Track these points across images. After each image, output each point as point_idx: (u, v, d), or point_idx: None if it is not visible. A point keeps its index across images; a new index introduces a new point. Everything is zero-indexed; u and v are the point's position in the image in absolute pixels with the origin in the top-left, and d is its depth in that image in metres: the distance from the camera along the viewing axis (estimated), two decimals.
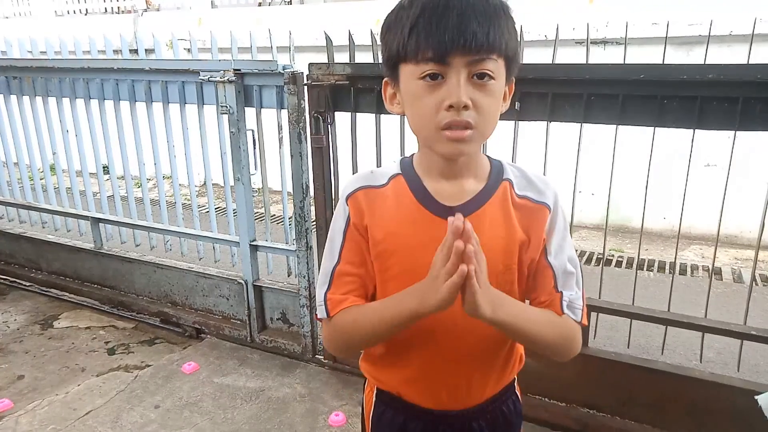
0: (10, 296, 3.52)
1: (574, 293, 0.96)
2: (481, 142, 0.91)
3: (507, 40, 0.83)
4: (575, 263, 0.98)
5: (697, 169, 4.19)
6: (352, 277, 0.96)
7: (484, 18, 0.80)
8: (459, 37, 0.79)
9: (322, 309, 0.97)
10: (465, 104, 0.82)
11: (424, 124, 0.87)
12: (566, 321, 0.95)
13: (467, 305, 0.81)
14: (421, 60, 0.82)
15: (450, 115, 0.83)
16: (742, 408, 1.95)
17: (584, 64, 1.95)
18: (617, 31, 4.41)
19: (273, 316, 2.88)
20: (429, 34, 0.80)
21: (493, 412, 1.07)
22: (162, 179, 3.10)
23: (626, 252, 4.43)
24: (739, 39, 4.05)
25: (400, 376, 1.04)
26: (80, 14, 7.77)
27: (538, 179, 0.98)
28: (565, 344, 0.97)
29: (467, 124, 0.83)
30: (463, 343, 0.98)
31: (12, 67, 3.25)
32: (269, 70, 2.42)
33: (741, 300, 2.21)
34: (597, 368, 2.19)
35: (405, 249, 0.92)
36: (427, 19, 0.80)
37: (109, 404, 2.45)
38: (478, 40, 0.79)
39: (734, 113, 1.77)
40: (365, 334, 0.94)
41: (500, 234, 0.94)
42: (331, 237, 0.99)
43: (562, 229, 0.97)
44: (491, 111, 0.86)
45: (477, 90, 0.83)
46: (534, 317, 0.93)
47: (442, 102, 0.82)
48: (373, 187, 0.97)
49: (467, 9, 0.79)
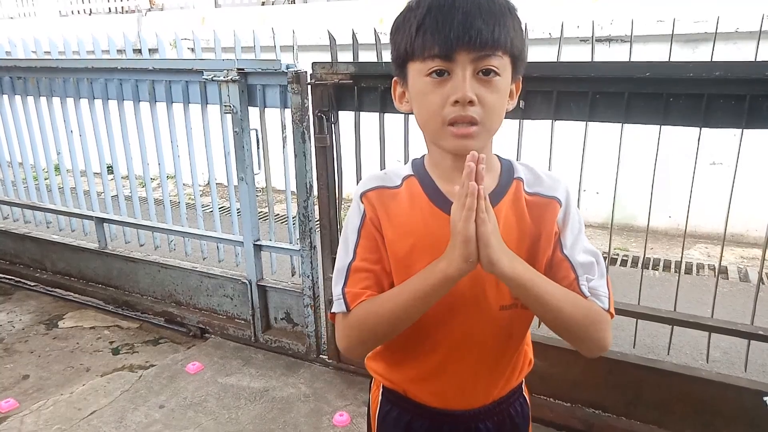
0: (15, 296, 3.53)
1: (596, 280, 0.93)
2: (488, 139, 0.91)
3: (512, 38, 0.85)
4: (594, 253, 0.95)
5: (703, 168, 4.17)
6: (368, 274, 0.95)
7: (489, 16, 0.82)
8: (464, 34, 0.81)
9: (340, 302, 0.94)
10: (470, 99, 0.83)
11: (430, 120, 0.88)
12: (592, 305, 0.91)
13: (483, 258, 0.81)
14: (427, 57, 0.84)
15: (455, 110, 0.84)
16: (750, 408, 1.93)
17: (589, 62, 1.93)
18: (622, 28, 4.38)
19: (277, 315, 2.88)
20: (435, 31, 0.82)
21: (500, 413, 1.06)
22: (166, 179, 3.10)
23: (632, 251, 4.42)
24: (746, 36, 4.02)
25: (406, 374, 1.04)
26: (84, 14, 7.78)
27: (547, 176, 0.98)
28: (590, 329, 0.91)
29: (472, 120, 0.84)
30: (470, 343, 0.98)
31: (16, 68, 3.26)
32: (273, 70, 2.41)
33: (748, 299, 2.19)
34: (603, 368, 2.18)
35: (420, 250, 0.92)
36: (433, 17, 0.83)
37: (113, 404, 2.45)
38: (483, 37, 0.81)
39: (741, 111, 1.75)
40: (387, 320, 0.91)
41: (514, 233, 0.94)
42: (345, 235, 0.98)
43: (576, 222, 0.96)
44: (496, 107, 0.86)
45: (482, 86, 0.84)
46: (556, 289, 0.89)
47: (448, 97, 0.84)
48: (387, 188, 0.98)
49: (473, 8, 0.82)
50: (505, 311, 0.96)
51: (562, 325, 0.90)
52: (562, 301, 0.88)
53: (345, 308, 0.94)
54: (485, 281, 0.93)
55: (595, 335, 0.92)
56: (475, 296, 0.94)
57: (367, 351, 0.98)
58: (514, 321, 0.98)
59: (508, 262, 0.83)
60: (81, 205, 3.46)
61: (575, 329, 0.90)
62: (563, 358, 2.20)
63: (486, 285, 0.94)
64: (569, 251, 0.94)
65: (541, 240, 0.95)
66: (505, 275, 0.83)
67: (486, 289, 0.94)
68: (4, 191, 3.83)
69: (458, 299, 0.94)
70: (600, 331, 0.91)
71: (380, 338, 0.97)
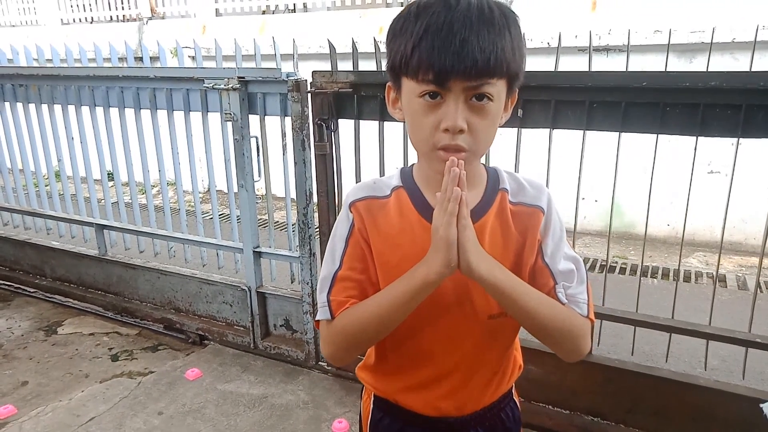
0: (15, 302, 3.53)
1: (574, 287, 0.95)
2: (475, 161, 0.93)
3: (509, 62, 0.83)
4: (575, 260, 0.97)
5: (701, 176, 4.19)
6: (353, 283, 0.97)
7: (486, 42, 0.80)
8: (460, 64, 0.80)
9: (325, 310, 0.96)
10: (461, 128, 0.83)
11: (421, 142, 0.89)
12: (570, 311, 0.94)
13: (462, 262, 0.83)
14: (421, 80, 0.84)
15: (446, 138, 0.85)
16: (747, 416, 1.94)
17: (587, 72, 1.95)
18: (620, 38, 4.42)
19: (276, 322, 2.88)
20: (431, 56, 0.81)
21: (492, 419, 1.07)
22: (166, 186, 3.11)
23: (630, 259, 4.43)
24: (742, 46, 4.05)
25: (396, 385, 1.05)
26: (86, 22, 7.82)
27: (529, 184, 0.99)
28: (570, 334, 0.93)
29: (462, 149, 0.85)
30: (459, 352, 0.99)
31: (18, 75, 3.28)
32: (273, 78, 2.43)
33: (745, 307, 2.20)
34: (601, 375, 2.19)
35: (408, 261, 0.93)
36: (430, 41, 0.81)
37: (112, 411, 2.45)
38: (479, 68, 0.80)
39: (737, 121, 1.77)
40: (369, 325, 0.92)
41: (499, 244, 0.95)
42: (332, 244, 1.00)
43: (558, 230, 0.97)
44: (487, 134, 0.88)
45: (474, 113, 0.84)
46: (534, 294, 0.91)
47: (440, 123, 0.84)
48: (376, 198, 0.99)
49: (470, 34, 0.80)
50: (493, 320, 0.97)
51: (541, 330, 0.92)
52: (541, 306, 0.91)
53: (329, 316, 0.95)
54: (473, 291, 0.95)
55: (572, 341, 0.94)
56: (463, 307, 0.96)
57: (351, 357, 0.98)
58: (502, 329, 1.00)
59: (486, 267, 0.85)
60: (81, 212, 3.47)
61: (553, 334, 0.93)
62: (561, 365, 2.20)
63: (474, 295, 0.95)
64: (550, 259, 0.96)
65: (525, 248, 0.96)
66: (484, 279, 0.85)
67: (474, 299, 0.96)
68: (4, 198, 3.84)
69: (446, 310, 0.96)
70: (577, 337, 0.94)
71: (363, 344, 0.98)
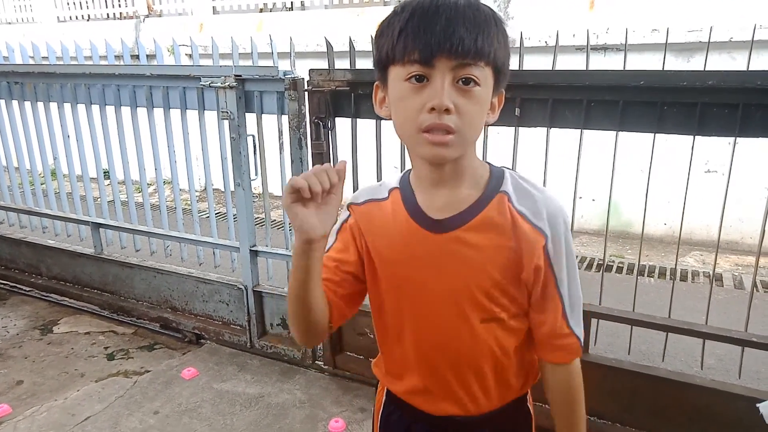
0: (10, 301, 3.52)
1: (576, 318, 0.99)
2: (464, 148, 0.88)
3: (495, 50, 0.83)
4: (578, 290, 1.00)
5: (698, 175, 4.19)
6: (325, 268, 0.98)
7: (473, 25, 0.80)
8: (445, 41, 0.79)
9: None
10: (447, 107, 0.81)
11: (406, 126, 0.87)
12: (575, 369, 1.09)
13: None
14: (407, 61, 0.83)
15: (432, 117, 0.82)
16: (744, 415, 1.94)
17: (584, 71, 1.95)
18: (617, 37, 4.42)
19: (273, 321, 2.87)
20: (416, 36, 0.81)
21: (501, 423, 1.07)
22: (162, 184, 3.10)
23: (627, 258, 4.43)
24: (740, 45, 4.06)
25: (403, 387, 1.07)
26: (82, 20, 7.78)
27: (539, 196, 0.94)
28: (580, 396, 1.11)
29: (448, 128, 0.83)
30: (457, 357, 0.99)
31: (14, 73, 3.26)
32: (270, 76, 2.42)
33: (742, 306, 2.20)
34: (598, 375, 2.18)
35: (396, 263, 0.93)
36: (416, 22, 0.81)
37: (108, 410, 2.44)
38: (465, 46, 0.80)
39: (734, 120, 1.77)
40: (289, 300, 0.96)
41: (490, 248, 0.93)
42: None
43: (570, 254, 0.96)
44: (474, 117, 0.85)
45: (461, 95, 0.82)
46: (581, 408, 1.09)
47: (425, 104, 0.82)
48: (376, 200, 1.01)
49: (457, 15, 0.80)
50: (486, 324, 0.97)
51: None
52: None
53: None
54: (462, 297, 0.95)
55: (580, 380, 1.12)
56: (452, 311, 0.96)
57: (306, 337, 1.00)
58: (499, 332, 0.98)
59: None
60: (77, 211, 3.46)
61: None
62: None
63: (464, 301, 0.95)
64: (564, 288, 0.96)
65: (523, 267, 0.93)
66: None
67: (464, 305, 0.95)
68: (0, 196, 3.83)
69: (437, 314, 0.97)
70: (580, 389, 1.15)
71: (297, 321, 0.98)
